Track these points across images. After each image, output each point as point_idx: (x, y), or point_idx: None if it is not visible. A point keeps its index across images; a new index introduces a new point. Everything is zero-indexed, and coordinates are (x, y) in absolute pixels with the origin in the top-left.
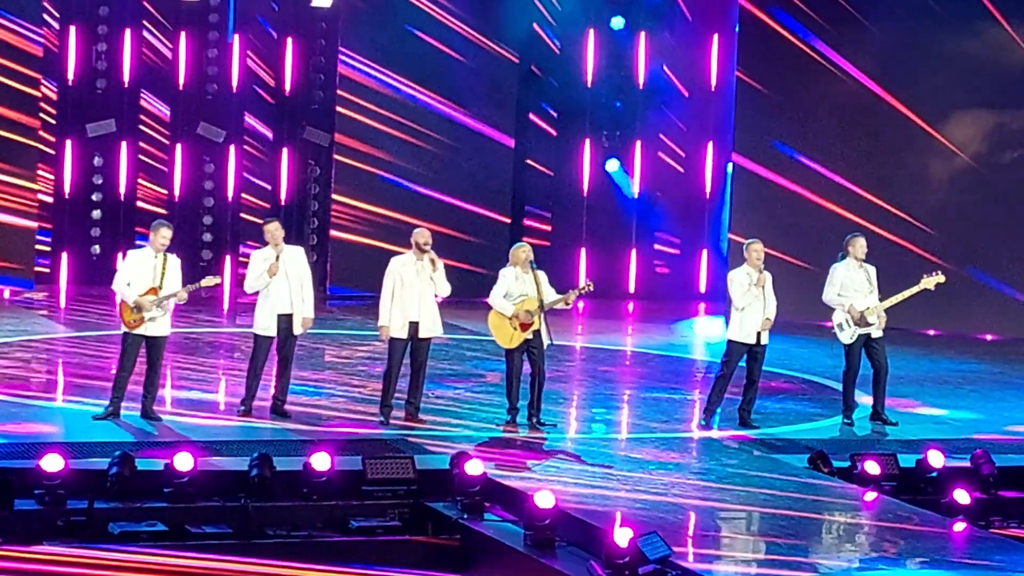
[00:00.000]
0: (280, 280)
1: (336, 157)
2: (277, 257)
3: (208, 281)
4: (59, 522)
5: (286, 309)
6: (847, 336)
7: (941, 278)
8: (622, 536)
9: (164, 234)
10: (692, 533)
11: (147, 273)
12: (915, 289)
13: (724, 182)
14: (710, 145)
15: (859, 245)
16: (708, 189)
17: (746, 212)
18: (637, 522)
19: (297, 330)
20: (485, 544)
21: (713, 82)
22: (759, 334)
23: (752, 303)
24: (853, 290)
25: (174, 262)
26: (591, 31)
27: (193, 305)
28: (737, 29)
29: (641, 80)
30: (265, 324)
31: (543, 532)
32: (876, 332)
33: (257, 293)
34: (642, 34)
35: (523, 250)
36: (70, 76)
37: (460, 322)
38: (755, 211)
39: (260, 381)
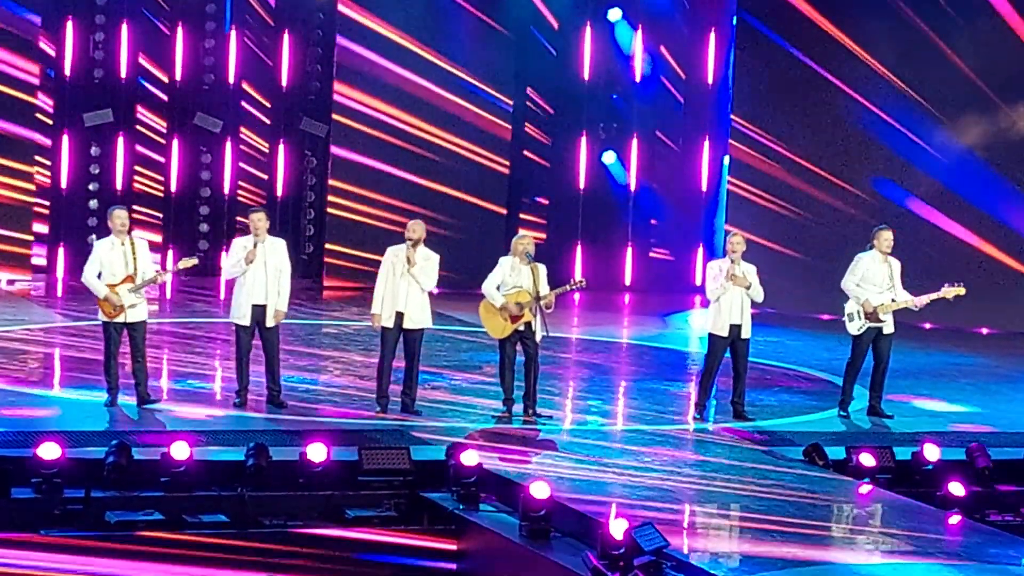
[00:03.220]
0: (258, 270)
1: (333, 148)
2: (255, 246)
3: (185, 263)
4: (56, 511)
5: (260, 300)
6: (855, 327)
7: (961, 290)
8: (617, 527)
9: (119, 215)
10: (687, 524)
11: (118, 261)
12: (935, 295)
13: (720, 175)
14: (706, 141)
15: (884, 238)
16: (705, 183)
17: (742, 205)
18: (632, 513)
19: (269, 322)
20: (480, 535)
21: (710, 77)
22: (739, 327)
23: (725, 295)
24: (872, 283)
25: (141, 244)
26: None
27: (189, 297)
28: (734, 22)
29: (638, 75)
30: (239, 313)
31: (538, 523)
32: (888, 328)
33: (234, 281)
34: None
35: (522, 242)
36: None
37: (455, 313)
38: (751, 204)
39: (248, 371)
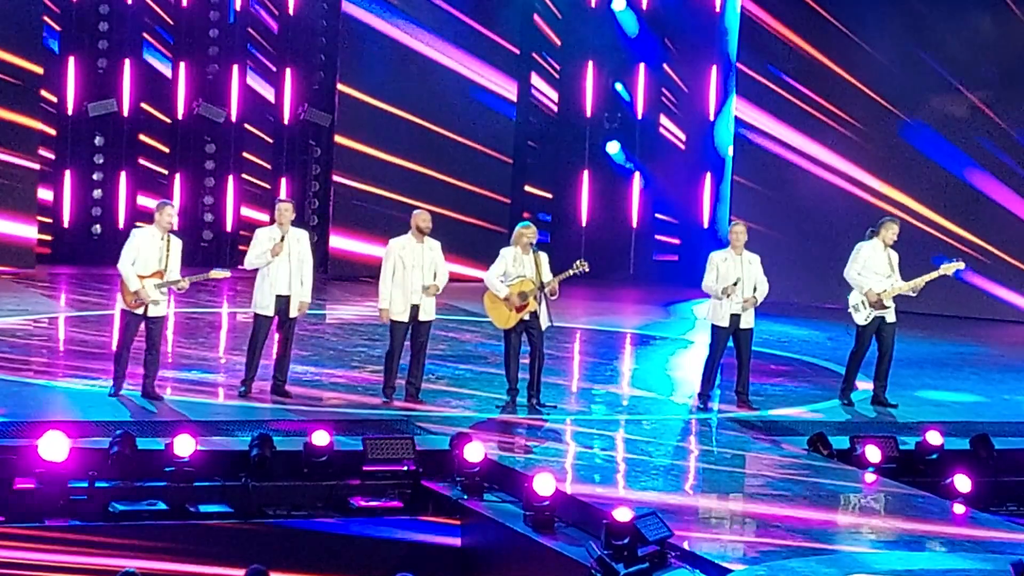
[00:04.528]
0: (282, 261)
1: (337, 138)
2: (282, 237)
3: (217, 273)
4: (60, 501)
5: (284, 290)
6: (861, 317)
7: (961, 265)
8: (621, 517)
9: (169, 212)
10: (691, 514)
11: (153, 255)
12: (934, 275)
13: (724, 165)
14: (709, 133)
15: (891, 230)
16: (708, 178)
17: (747, 194)
18: (636, 503)
19: (293, 313)
20: (485, 525)
21: (713, 68)
22: (738, 317)
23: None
24: (873, 272)
25: (176, 244)
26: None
27: (194, 286)
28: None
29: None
30: (263, 303)
31: (542, 513)
32: (890, 317)
33: (256, 271)
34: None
35: (525, 232)
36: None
37: (460, 303)
38: (755, 192)
39: (260, 361)
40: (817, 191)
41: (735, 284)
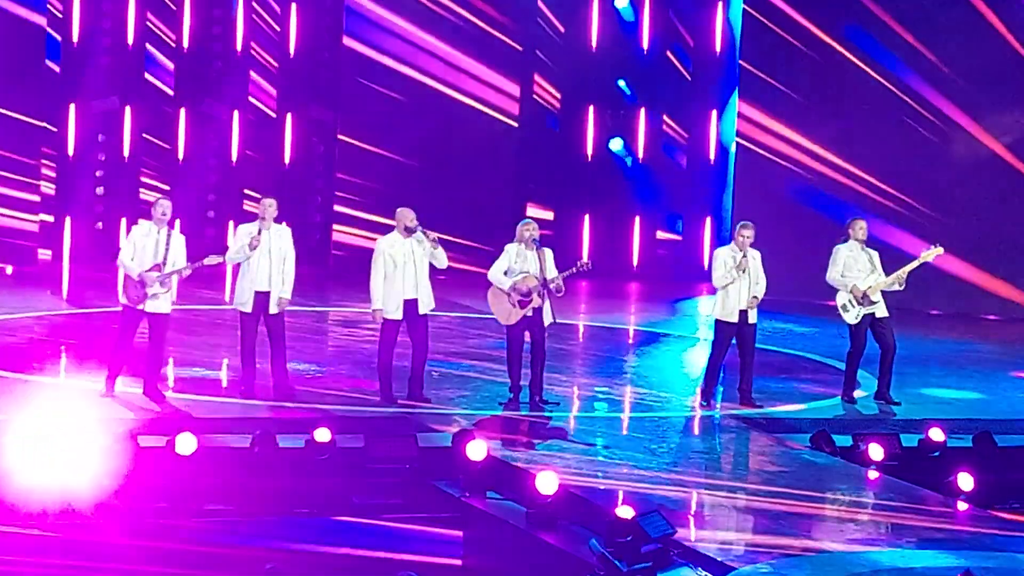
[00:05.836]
0: (262, 257)
1: (340, 136)
2: (259, 232)
3: (212, 260)
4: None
5: (263, 287)
6: (852, 316)
7: (940, 250)
8: (624, 514)
9: (162, 204)
10: (694, 511)
11: (150, 248)
12: (916, 263)
13: (727, 157)
14: (714, 115)
15: (859, 227)
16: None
17: (749, 191)
18: (639, 500)
19: (272, 309)
20: (487, 522)
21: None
22: (745, 313)
23: (734, 283)
24: (856, 271)
25: (178, 239)
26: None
27: (196, 282)
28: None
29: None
30: (242, 299)
31: (545, 511)
32: (881, 312)
33: (239, 266)
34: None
35: (528, 228)
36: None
37: (463, 300)
38: (758, 190)
39: (255, 358)
40: (818, 186)
41: (744, 256)
